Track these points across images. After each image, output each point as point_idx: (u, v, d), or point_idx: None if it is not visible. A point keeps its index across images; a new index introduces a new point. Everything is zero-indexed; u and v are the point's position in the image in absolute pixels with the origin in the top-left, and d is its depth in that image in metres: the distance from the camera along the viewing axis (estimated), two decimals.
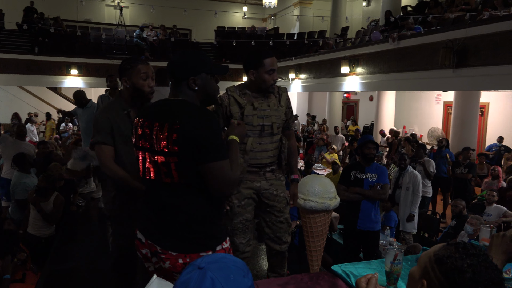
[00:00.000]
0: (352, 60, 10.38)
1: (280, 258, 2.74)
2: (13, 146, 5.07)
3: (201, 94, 1.68)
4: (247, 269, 1.01)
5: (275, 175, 2.58)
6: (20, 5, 14.04)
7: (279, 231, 2.62)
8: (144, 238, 1.65)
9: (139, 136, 1.65)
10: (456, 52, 6.97)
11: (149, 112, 1.66)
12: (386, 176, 3.84)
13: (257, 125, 2.42)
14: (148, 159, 1.62)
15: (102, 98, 4.96)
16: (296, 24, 17.24)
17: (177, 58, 1.67)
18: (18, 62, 12.36)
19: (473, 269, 1.02)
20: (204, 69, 1.66)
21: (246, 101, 2.42)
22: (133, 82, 2.22)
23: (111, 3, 17.75)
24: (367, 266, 2.44)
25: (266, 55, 2.39)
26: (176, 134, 1.51)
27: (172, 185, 1.57)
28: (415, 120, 13.27)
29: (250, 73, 2.42)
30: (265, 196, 2.55)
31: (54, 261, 3.65)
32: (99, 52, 13.70)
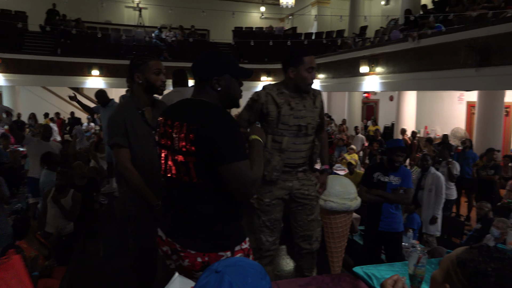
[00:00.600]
0: (371, 60, 10.27)
1: (310, 258, 2.74)
2: (39, 147, 5.20)
3: (223, 96, 1.67)
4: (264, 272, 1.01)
5: (306, 175, 2.60)
6: (43, 8, 14.38)
7: (310, 229, 2.64)
8: (165, 236, 1.68)
9: (162, 135, 1.67)
10: (479, 51, 6.83)
11: (171, 111, 1.68)
12: (410, 180, 3.76)
13: (293, 125, 2.44)
14: (170, 158, 1.64)
15: (124, 98, 5.05)
16: (314, 24, 17.16)
17: (202, 58, 1.68)
18: (41, 63, 12.65)
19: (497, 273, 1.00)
20: (228, 71, 1.66)
21: (283, 101, 2.43)
22: (146, 77, 2.27)
23: (130, 5, 18.00)
24: (389, 269, 2.41)
25: (306, 53, 2.42)
26: (193, 134, 1.52)
27: (190, 184, 1.59)
28: (437, 120, 13.04)
29: (289, 71, 2.42)
30: (297, 196, 2.57)
31: (78, 257, 3.73)
32: (119, 53, 13.90)
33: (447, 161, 6.21)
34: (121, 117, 2.27)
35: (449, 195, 6.10)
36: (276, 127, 2.43)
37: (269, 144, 2.44)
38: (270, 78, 14.99)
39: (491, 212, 4.92)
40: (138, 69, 2.28)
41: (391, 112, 13.93)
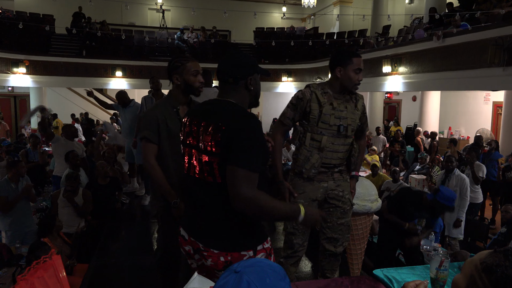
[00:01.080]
0: (394, 59, 10.10)
1: (333, 261, 2.73)
2: (65, 146, 5.33)
3: (253, 95, 1.72)
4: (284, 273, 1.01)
5: (342, 176, 2.61)
6: (70, 11, 14.75)
7: (338, 232, 2.64)
8: (187, 235, 1.69)
9: (187, 134, 1.69)
10: (507, 50, 6.63)
11: (198, 111, 1.71)
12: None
13: (333, 125, 2.45)
14: (194, 157, 1.65)
15: (146, 99, 5.14)
16: (336, 24, 17.01)
17: (233, 59, 1.70)
18: (67, 65, 12.98)
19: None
20: (256, 70, 1.70)
21: (326, 100, 2.44)
22: (184, 78, 2.32)
23: (153, 7, 18.26)
24: (410, 272, 2.37)
25: (355, 54, 2.45)
26: (221, 136, 1.53)
27: (214, 184, 1.59)
28: (462, 121, 12.72)
29: (337, 70, 2.44)
30: (330, 196, 2.57)
31: (100, 256, 3.80)
32: (142, 55, 14.13)
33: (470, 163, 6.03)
34: (155, 113, 2.32)
35: (474, 199, 5.92)
36: (316, 126, 2.44)
37: (307, 142, 2.46)
38: (291, 78, 14.93)
39: None
40: (177, 71, 2.33)
41: (414, 113, 13.69)
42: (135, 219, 5.04)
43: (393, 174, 6.61)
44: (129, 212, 5.23)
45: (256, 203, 1.51)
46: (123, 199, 5.29)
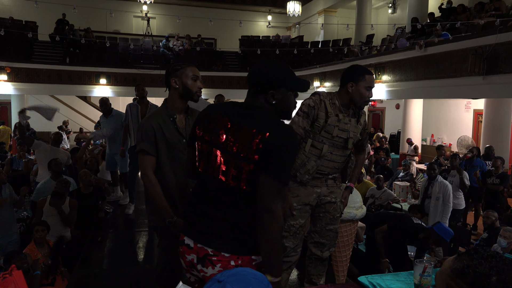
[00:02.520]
0: (378, 68, 10.26)
1: (319, 265, 2.73)
2: (49, 152, 5.24)
3: (277, 109, 1.62)
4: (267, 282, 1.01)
5: (336, 183, 2.62)
6: (53, 18, 14.59)
7: (326, 237, 2.65)
8: (193, 242, 1.61)
9: (210, 130, 1.61)
10: (486, 59, 6.80)
11: (226, 109, 1.63)
12: None
13: (335, 136, 2.46)
14: (216, 157, 1.58)
15: (131, 107, 5.11)
16: (320, 32, 17.21)
17: (259, 69, 1.64)
18: (50, 72, 12.81)
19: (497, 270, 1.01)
20: (284, 84, 1.60)
21: (332, 111, 2.46)
22: (183, 82, 2.26)
23: (139, 14, 18.20)
24: (395, 278, 2.38)
25: (368, 72, 2.48)
26: (263, 144, 1.47)
27: (237, 189, 1.53)
28: (444, 129, 12.96)
29: (348, 85, 2.45)
30: (323, 202, 2.59)
31: (83, 266, 3.73)
32: (127, 62, 14.05)
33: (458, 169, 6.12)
34: (150, 123, 2.23)
35: (457, 205, 6.03)
36: (319, 134, 2.45)
37: (307, 148, 2.46)
38: None
39: (498, 221, 4.86)
40: (175, 74, 2.27)
41: (397, 120, 13.88)
42: (119, 229, 4.97)
43: (377, 181, 6.68)
44: (112, 221, 5.16)
45: (279, 221, 1.50)
46: (107, 208, 5.21)
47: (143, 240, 4.47)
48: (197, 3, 18.18)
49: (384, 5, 16.97)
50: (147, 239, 4.50)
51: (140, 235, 4.60)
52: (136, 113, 5.03)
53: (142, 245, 4.35)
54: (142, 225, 4.90)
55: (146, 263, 3.87)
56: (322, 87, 13.19)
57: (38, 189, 4.86)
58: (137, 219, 5.14)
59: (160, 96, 13.16)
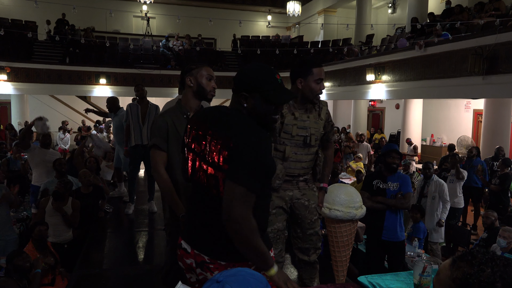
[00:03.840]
0: (377, 68, 10.27)
1: (309, 269, 2.70)
2: (40, 155, 5.25)
3: (250, 114, 1.56)
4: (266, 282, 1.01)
5: (308, 185, 2.57)
6: (53, 18, 14.60)
7: (308, 243, 2.60)
8: (190, 247, 1.60)
9: (193, 138, 1.61)
10: (486, 59, 6.81)
11: (206, 116, 1.61)
12: (409, 185, 3.76)
13: (296, 135, 2.43)
14: (198, 165, 1.58)
15: (131, 106, 5.13)
16: (320, 32, 17.22)
17: (243, 69, 1.60)
18: (50, 72, 12.82)
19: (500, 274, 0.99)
20: (259, 91, 1.53)
21: (287, 110, 2.42)
22: (198, 81, 2.29)
23: (138, 14, 18.21)
24: (394, 278, 2.39)
25: (314, 64, 2.41)
26: (228, 152, 1.45)
27: (218, 197, 1.51)
28: (443, 129, 12.96)
29: (298, 82, 2.41)
30: (296, 206, 2.53)
31: (82, 266, 3.73)
32: (126, 62, 14.05)
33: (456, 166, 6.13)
34: (164, 119, 2.25)
35: (457, 204, 6.05)
36: (279, 136, 2.41)
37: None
38: None
39: (498, 221, 4.86)
40: (191, 73, 2.30)
41: (397, 120, 13.89)
42: (119, 228, 4.96)
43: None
44: (113, 221, 5.16)
45: (246, 227, 1.42)
46: (107, 208, 5.21)
47: (143, 240, 4.47)
48: (196, 3, 18.20)
49: (384, 5, 16.98)
50: (147, 239, 4.50)
51: (140, 235, 4.60)
52: (136, 113, 5.05)
53: (142, 245, 4.35)
54: (142, 225, 4.90)
55: (146, 263, 3.87)
56: None
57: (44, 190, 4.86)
58: (137, 219, 5.13)
59: (160, 96, 13.19)
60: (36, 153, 5.27)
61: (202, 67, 2.31)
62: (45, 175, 5.19)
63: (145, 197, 5.52)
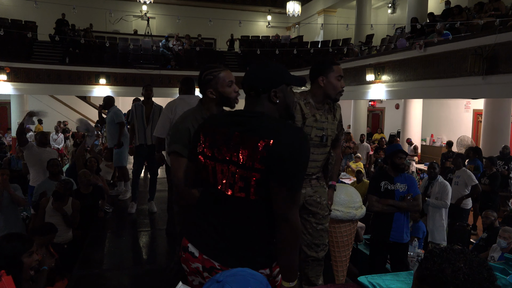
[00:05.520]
0: (377, 68, 10.27)
1: (316, 266, 2.72)
2: (38, 154, 5.25)
3: (281, 107, 1.60)
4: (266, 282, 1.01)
5: (319, 182, 2.61)
6: (53, 18, 14.59)
7: (318, 238, 2.63)
8: (199, 252, 1.57)
9: (209, 145, 1.58)
10: (486, 59, 6.81)
11: (224, 121, 1.60)
12: (416, 186, 3.77)
13: (314, 137, 2.46)
14: (221, 170, 1.54)
15: (136, 107, 5.22)
16: (320, 32, 17.22)
17: (256, 70, 1.61)
18: (50, 72, 12.83)
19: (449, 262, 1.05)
20: (283, 80, 1.60)
21: (309, 112, 2.45)
22: (220, 91, 2.19)
23: (138, 14, 18.21)
24: (395, 278, 2.39)
25: (334, 62, 2.46)
26: (267, 152, 1.43)
27: (245, 200, 1.49)
28: (443, 129, 12.97)
29: (319, 80, 2.43)
30: (308, 202, 2.57)
31: (82, 267, 3.72)
32: (126, 62, 14.05)
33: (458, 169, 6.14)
34: (186, 125, 2.17)
35: (464, 204, 6.05)
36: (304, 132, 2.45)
37: None
38: None
39: (497, 221, 4.86)
40: (210, 84, 2.19)
41: (397, 121, 13.89)
42: (119, 228, 4.96)
43: None
44: (113, 221, 5.15)
45: (297, 229, 1.49)
46: (106, 208, 5.20)
47: (143, 240, 4.47)
48: (196, 3, 18.20)
49: (384, 5, 16.99)
50: (147, 239, 4.50)
51: (141, 235, 4.60)
52: (140, 113, 5.13)
53: (142, 245, 4.35)
54: (142, 225, 4.90)
55: (147, 263, 3.87)
56: None
57: (38, 189, 4.86)
58: (138, 218, 5.13)
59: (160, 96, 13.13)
60: (34, 152, 5.26)
61: (218, 74, 2.18)
62: (42, 174, 5.17)
63: (145, 197, 5.52)
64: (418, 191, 3.75)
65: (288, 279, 1.53)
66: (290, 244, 1.49)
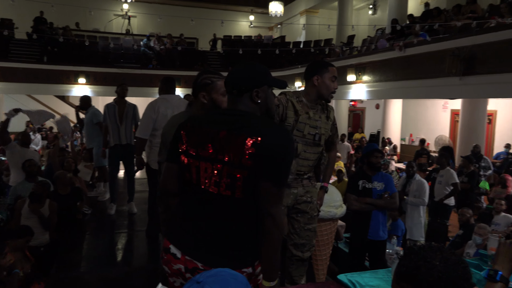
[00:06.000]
0: (358, 68, 10.38)
1: (300, 266, 2.74)
2: (20, 154, 5.12)
3: (262, 108, 1.63)
4: (246, 282, 1.02)
5: (311, 182, 2.65)
6: (30, 15, 14.26)
7: (305, 238, 2.66)
8: (181, 253, 1.56)
9: (193, 144, 1.57)
10: (463, 60, 6.95)
11: (208, 120, 1.60)
12: (393, 185, 3.83)
13: (307, 134, 2.50)
14: (206, 169, 1.53)
15: (108, 107, 5.07)
16: (302, 33, 17.31)
17: (240, 70, 1.63)
18: (27, 71, 12.53)
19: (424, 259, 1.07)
20: (266, 81, 1.63)
21: (302, 109, 2.50)
22: (213, 97, 2.16)
23: (119, 13, 17.96)
24: (373, 276, 2.42)
25: (330, 64, 2.54)
26: (255, 149, 1.44)
27: (231, 198, 1.49)
28: (422, 128, 13.20)
29: (314, 79, 2.50)
30: (299, 202, 2.60)
31: (60, 269, 3.65)
32: (107, 61, 13.85)
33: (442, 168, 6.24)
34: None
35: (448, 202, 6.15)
36: (291, 133, 2.47)
37: None
38: None
39: (472, 218, 4.97)
40: (205, 89, 2.16)
41: (377, 120, 14.07)
42: (98, 230, 4.88)
43: None
44: (91, 222, 5.07)
45: (281, 226, 1.51)
46: (85, 210, 5.12)
47: (122, 242, 4.41)
48: (178, 2, 18.07)
49: (365, 6, 17.19)
50: (126, 240, 4.45)
51: (120, 237, 4.54)
52: (113, 113, 5.02)
53: (121, 247, 4.29)
54: (121, 227, 4.84)
55: (125, 265, 3.82)
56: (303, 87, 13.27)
57: (13, 191, 4.74)
58: (117, 220, 5.07)
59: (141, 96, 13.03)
60: (16, 152, 5.14)
61: (217, 81, 2.17)
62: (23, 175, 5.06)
63: (125, 198, 5.46)
64: (395, 189, 3.82)
65: (269, 279, 1.54)
66: (273, 241, 1.50)
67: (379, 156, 3.79)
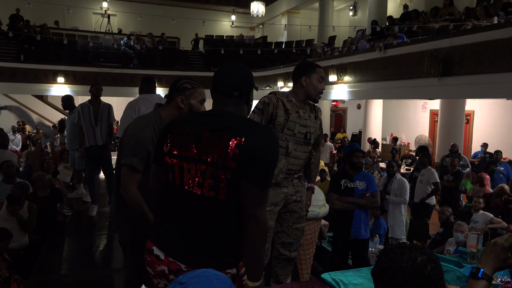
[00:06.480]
0: (339, 69, 10.47)
1: (287, 265, 2.76)
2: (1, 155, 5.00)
3: (249, 110, 1.68)
4: (230, 283, 1.01)
5: (301, 182, 2.67)
6: (6, 13, 13.90)
7: (293, 237, 2.68)
8: (164, 255, 1.54)
9: (177, 144, 1.55)
10: (441, 61, 7.08)
11: (193, 121, 1.58)
12: (375, 184, 3.89)
13: (298, 133, 2.52)
14: (190, 170, 1.51)
15: (82, 107, 4.99)
16: (284, 33, 17.38)
17: (238, 71, 1.61)
18: (3, 69, 12.20)
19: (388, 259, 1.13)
20: (253, 84, 1.65)
21: (292, 108, 2.53)
22: (191, 103, 2.12)
23: (98, 11, 17.67)
24: (356, 274, 2.44)
25: (317, 65, 2.61)
26: (239, 150, 1.43)
27: (215, 199, 1.48)
28: (402, 128, 13.43)
29: (302, 80, 2.55)
30: (289, 201, 2.61)
31: (39, 272, 3.58)
32: (86, 60, 13.60)
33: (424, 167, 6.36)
34: (149, 136, 2.05)
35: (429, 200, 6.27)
36: (281, 132, 2.50)
37: None
38: None
39: (452, 216, 5.09)
40: (185, 93, 2.11)
41: (359, 120, 14.24)
42: (79, 232, 4.80)
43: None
44: (72, 224, 4.98)
45: (265, 227, 1.50)
46: (65, 211, 5.02)
47: (103, 244, 4.35)
48: (159, 0, 17.89)
49: (346, 7, 17.36)
50: (107, 242, 4.39)
51: (101, 239, 4.47)
52: (88, 114, 4.94)
53: (102, 249, 4.23)
54: (102, 228, 4.77)
55: (106, 267, 3.77)
56: (286, 87, 13.32)
57: None
58: (99, 221, 4.99)
59: (121, 95, 12.87)
60: None
61: (197, 88, 2.14)
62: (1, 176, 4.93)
63: (105, 199, 5.38)
64: (376, 188, 3.88)
65: (253, 279, 1.54)
66: (257, 242, 1.49)
67: (360, 155, 3.84)
